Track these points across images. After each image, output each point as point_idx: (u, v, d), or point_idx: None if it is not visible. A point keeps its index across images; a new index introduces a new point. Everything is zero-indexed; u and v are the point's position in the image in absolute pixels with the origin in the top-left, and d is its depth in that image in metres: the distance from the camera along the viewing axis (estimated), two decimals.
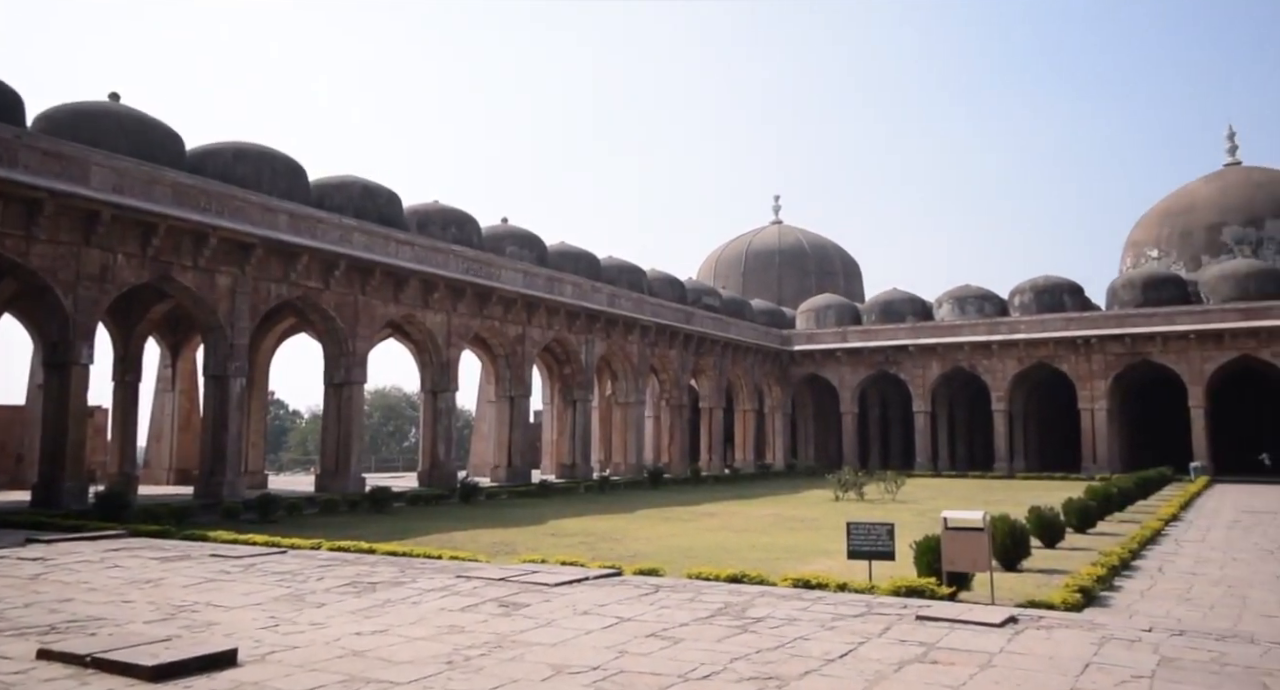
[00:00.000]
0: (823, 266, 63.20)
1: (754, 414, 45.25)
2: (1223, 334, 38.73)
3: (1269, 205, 50.59)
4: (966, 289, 47.35)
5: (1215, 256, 48.99)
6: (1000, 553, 11.77)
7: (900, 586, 9.17)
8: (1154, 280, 43.40)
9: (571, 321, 33.06)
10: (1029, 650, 6.64)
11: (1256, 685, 5.70)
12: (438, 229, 28.90)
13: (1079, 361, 41.82)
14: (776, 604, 8.46)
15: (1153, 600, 9.92)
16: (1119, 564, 11.83)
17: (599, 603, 8.46)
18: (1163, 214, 55.02)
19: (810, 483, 34.29)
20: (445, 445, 27.99)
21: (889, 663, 6.24)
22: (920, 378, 45.40)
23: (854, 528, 10.43)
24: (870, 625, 7.50)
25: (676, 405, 40.00)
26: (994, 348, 43.42)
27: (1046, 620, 7.78)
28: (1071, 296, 44.69)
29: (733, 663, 6.22)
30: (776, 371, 47.56)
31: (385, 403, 73.63)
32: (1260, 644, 6.93)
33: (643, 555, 13.29)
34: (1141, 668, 6.10)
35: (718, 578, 10.10)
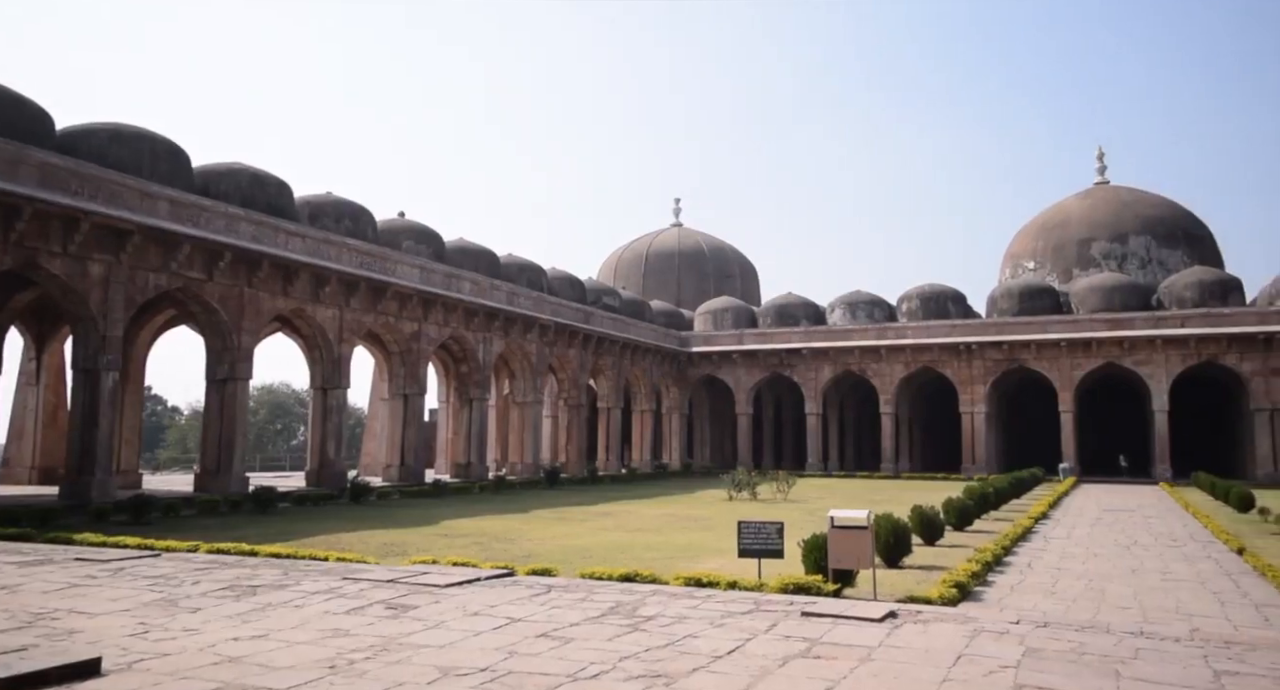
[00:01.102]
0: (721, 269, 64.19)
1: (651, 414, 45.60)
2: (1090, 343, 41.14)
3: (1133, 223, 54.08)
4: (858, 295, 48.87)
5: (1085, 270, 52.04)
6: (883, 550, 12.20)
7: (788, 584, 9.40)
8: (1030, 291, 45.74)
9: (469, 319, 32.61)
10: (906, 644, 6.90)
11: (1110, 673, 6.08)
12: (331, 221, 28.06)
13: (961, 367, 43.72)
14: (668, 602, 8.54)
15: (1022, 594, 10.45)
16: (992, 560, 12.43)
17: (490, 604, 8.37)
18: (1039, 228, 58.10)
19: (705, 483, 34.78)
20: (335, 444, 27.20)
21: (774, 658, 6.38)
22: (813, 380, 46.62)
23: (744, 527, 10.63)
24: (758, 622, 7.66)
25: (575, 405, 39.94)
26: (883, 352, 44.97)
27: (924, 615, 8.10)
28: (955, 304, 46.67)
29: (622, 661, 6.25)
30: (674, 372, 48.05)
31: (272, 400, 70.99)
32: (1115, 634, 7.39)
33: (537, 555, 13.22)
34: (1008, 658, 6.42)
35: (610, 577, 10.14)
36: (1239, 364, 38.96)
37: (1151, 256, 52.61)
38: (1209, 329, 39.17)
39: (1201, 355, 39.57)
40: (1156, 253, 52.73)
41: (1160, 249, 52.87)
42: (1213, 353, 39.37)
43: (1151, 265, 52.07)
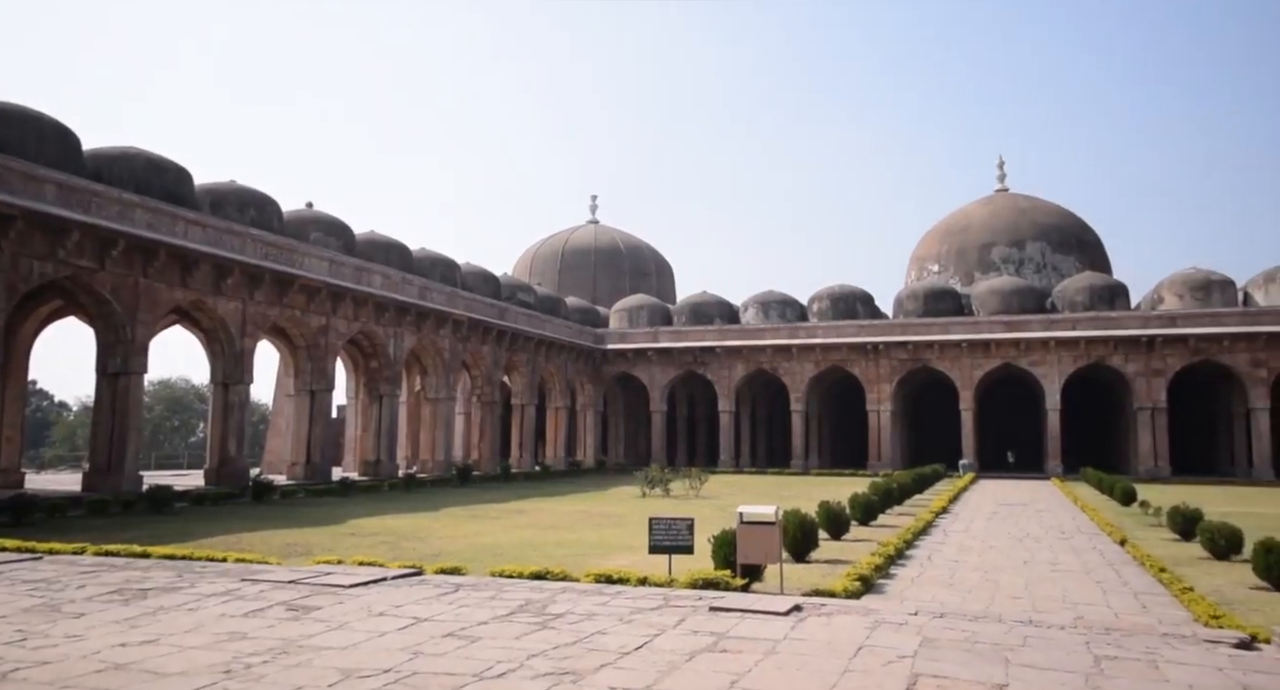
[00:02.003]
0: (637, 267, 64.42)
1: (566, 411, 45.47)
2: (990, 344, 42.79)
3: (1030, 229, 56.54)
4: (770, 294, 49.70)
5: (985, 273, 54.14)
6: (791, 545, 12.46)
7: (697, 579, 9.51)
8: (934, 293, 47.29)
9: (380, 314, 31.92)
10: (810, 636, 7.06)
11: (1000, 660, 6.34)
12: (234, 210, 27.06)
13: (868, 366, 44.91)
14: (577, 600, 8.54)
15: (921, 586, 10.81)
16: (894, 554, 12.82)
17: (396, 603, 8.22)
18: (943, 232, 60.18)
19: (619, 480, 34.86)
20: (237, 441, 26.27)
21: (681, 653, 6.45)
22: (726, 378, 47.22)
23: (656, 523, 10.70)
24: (666, 617, 7.72)
25: (488, 402, 39.52)
26: (794, 351, 45.84)
27: (828, 608, 8.30)
28: (863, 305, 47.91)
29: (530, 659, 6.22)
30: (589, 369, 48.01)
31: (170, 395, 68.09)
32: (1006, 623, 7.72)
33: (446, 554, 13.04)
34: (906, 648, 6.64)
35: (521, 575, 10.07)
36: (1124, 365, 41.09)
37: (1047, 262, 55.08)
38: (1097, 331, 41.19)
39: (1090, 356, 41.57)
40: (1051, 258, 55.22)
41: (1054, 254, 55.39)
42: (1101, 354, 41.42)
43: (1046, 270, 54.50)
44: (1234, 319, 39.92)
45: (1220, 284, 42.20)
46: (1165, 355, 40.45)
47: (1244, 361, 39.41)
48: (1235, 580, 11.24)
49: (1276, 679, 6.00)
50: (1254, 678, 6.01)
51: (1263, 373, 39.16)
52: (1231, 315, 40.19)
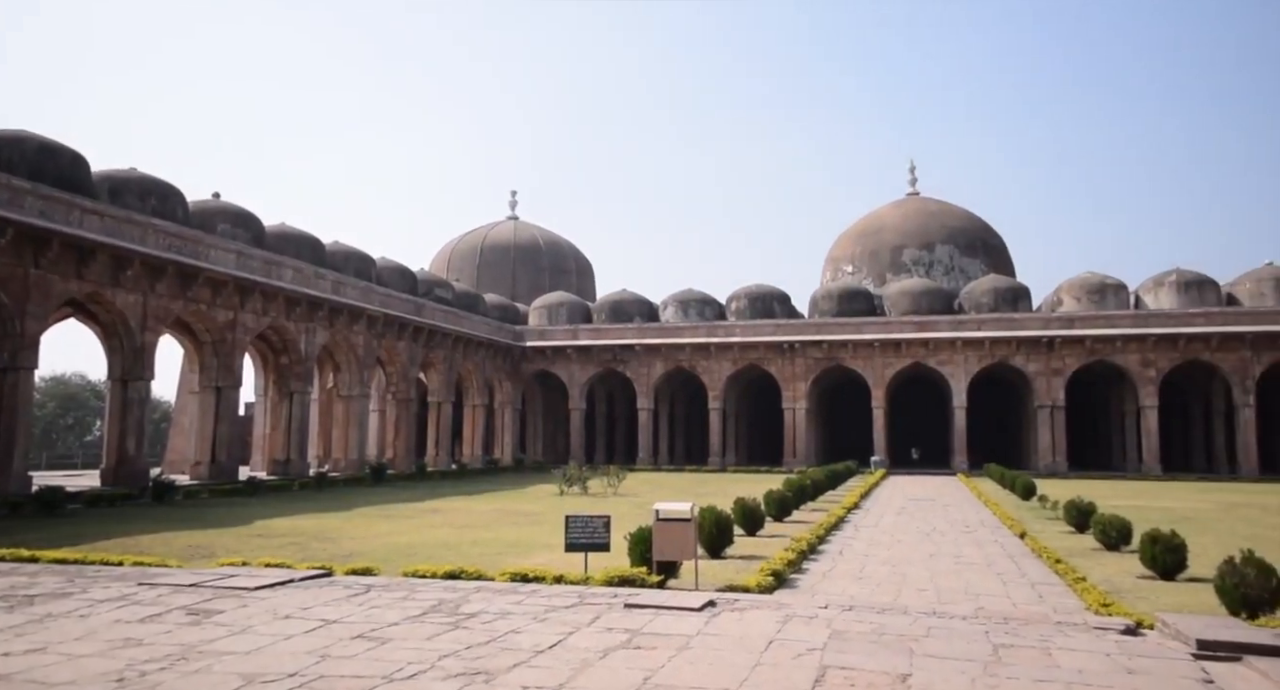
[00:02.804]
0: (557, 264, 64.18)
1: (484, 409, 44.99)
2: (900, 343, 44.03)
3: (939, 232, 58.44)
4: (689, 293, 50.12)
5: (897, 274, 55.71)
6: (707, 541, 12.58)
7: (613, 577, 9.52)
8: (848, 293, 48.41)
9: (291, 308, 31.02)
10: (723, 631, 7.14)
11: (905, 650, 6.54)
12: (135, 199, 25.91)
13: (785, 364, 45.70)
14: (492, 599, 8.46)
15: (832, 580, 11.04)
16: (807, 549, 13.07)
17: (303, 605, 8.00)
18: (857, 234, 61.69)
19: (537, 478, 34.68)
20: (136, 439, 25.19)
21: (596, 651, 6.45)
22: (645, 376, 47.43)
23: (572, 521, 10.67)
24: (581, 615, 7.71)
25: (403, 399, 38.82)
26: (712, 350, 46.33)
27: (741, 603, 8.41)
28: (780, 304, 48.73)
29: (441, 660, 6.13)
30: (508, 367, 47.61)
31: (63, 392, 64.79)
32: (911, 614, 7.95)
33: (358, 554, 12.76)
34: (815, 641, 6.78)
35: (434, 575, 9.93)
36: (1025, 364, 42.79)
37: (955, 264, 57.01)
38: (1001, 332, 42.80)
39: (995, 356, 43.17)
40: (959, 261, 57.17)
41: (962, 257, 57.37)
42: (1004, 354, 43.04)
43: (954, 272, 56.39)
44: (1126, 321, 41.97)
45: (1114, 288, 44.31)
46: (1064, 355, 42.27)
47: (1135, 362, 41.48)
48: (1125, 570, 11.81)
49: (1157, 662, 6.34)
50: (1137, 661, 6.34)
51: (1151, 372, 41.29)
52: (1124, 317, 42.24)
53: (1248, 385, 40.06)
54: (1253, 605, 8.10)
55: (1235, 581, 8.23)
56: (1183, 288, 43.14)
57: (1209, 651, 6.50)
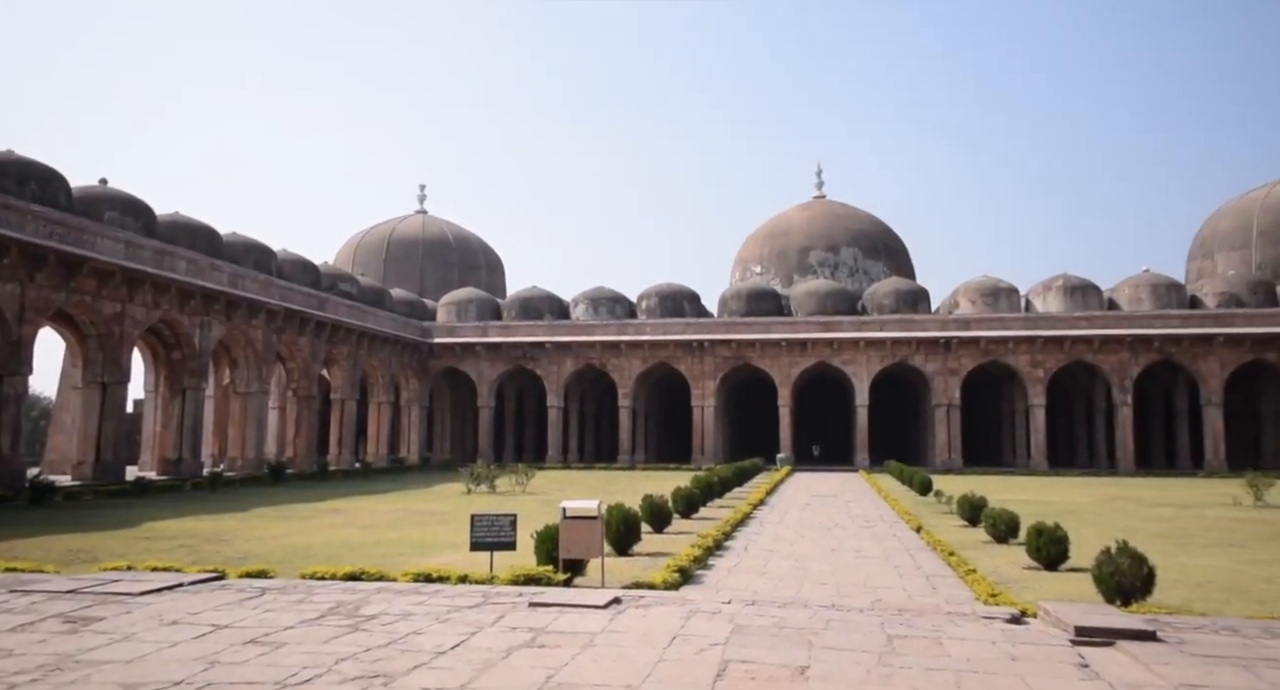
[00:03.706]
0: (466, 259, 63.32)
1: (389, 406, 44.04)
2: (806, 343, 45.01)
3: (844, 235, 60.01)
4: (601, 291, 50.14)
5: (804, 276, 56.93)
6: (614, 539, 12.62)
7: (519, 575, 9.45)
8: (756, 293, 49.22)
9: (184, 301, 29.73)
10: (627, 628, 7.17)
11: (804, 643, 6.68)
12: (12, 183, 24.40)
13: (694, 363, 46.18)
14: (393, 600, 8.29)
15: (737, 575, 11.21)
16: (713, 545, 13.23)
17: (192, 610, 7.68)
18: (765, 235, 62.81)
19: (444, 477, 34.16)
20: (12, 438, 23.73)
21: (498, 650, 6.39)
22: (555, 374, 47.23)
23: (477, 520, 10.55)
24: (485, 615, 7.62)
25: (305, 396, 37.69)
26: (622, 348, 46.47)
27: (646, 599, 8.46)
28: (690, 303, 49.21)
29: (339, 664, 5.98)
30: (415, 363, 46.74)
31: None
32: (811, 608, 8.14)
33: (254, 556, 12.33)
34: (718, 636, 6.87)
35: (334, 576, 9.67)
36: (924, 364, 44.31)
37: (859, 266, 58.62)
38: (902, 333, 44.20)
39: (896, 356, 44.55)
40: (863, 263, 58.82)
41: (866, 260, 59.03)
42: (904, 354, 44.46)
43: (858, 274, 57.98)
44: (1017, 323, 43.89)
45: (1007, 291, 46.27)
46: (960, 356, 43.92)
47: (1025, 362, 43.42)
48: (1012, 561, 12.35)
49: (1039, 649, 6.65)
50: (1020, 648, 6.64)
51: (1040, 373, 43.30)
52: (1015, 320, 44.16)
53: (1126, 385, 42.40)
54: (1126, 593, 8.58)
55: (1110, 571, 8.70)
56: (1069, 292, 45.35)
57: (1085, 637, 6.85)
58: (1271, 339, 40.78)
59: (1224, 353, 41.54)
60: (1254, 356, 41.32)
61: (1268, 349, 41.06)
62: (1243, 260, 52.16)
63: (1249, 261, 51.83)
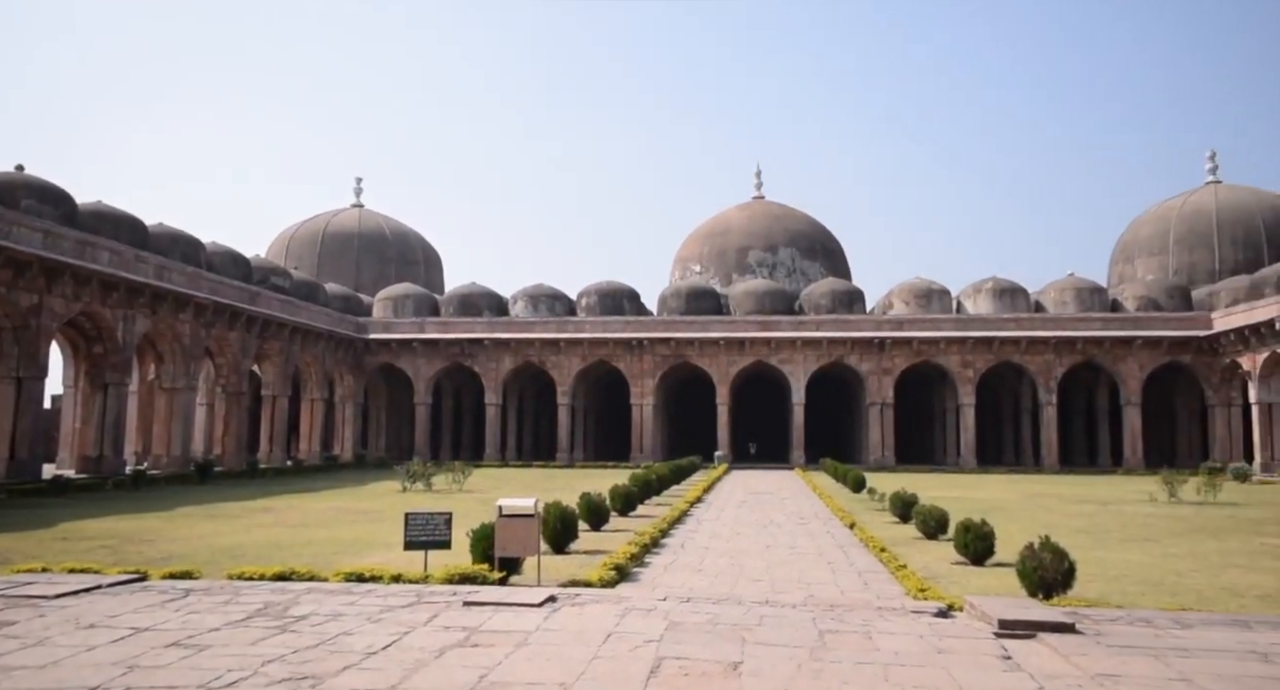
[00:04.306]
0: (404, 255, 62.42)
1: (323, 403, 43.18)
2: (744, 342, 45.45)
3: (782, 235, 60.75)
4: (540, 288, 49.90)
5: (742, 275, 57.47)
6: (551, 537, 12.57)
7: (454, 574, 9.36)
8: (695, 292, 49.51)
9: (107, 293, 28.71)
10: (562, 626, 7.16)
11: (738, 639, 6.76)
12: None
13: (633, 361, 46.26)
14: (323, 600, 8.14)
15: (673, 573, 11.27)
16: (650, 543, 13.28)
17: (111, 613, 7.43)
18: (705, 235, 63.23)
19: (379, 475, 33.65)
20: None
21: (431, 650, 6.32)
22: (494, 371, 46.87)
23: (412, 518, 10.41)
24: (418, 614, 7.54)
25: (235, 392, 36.73)
26: (562, 345, 46.32)
27: (582, 597, 8.45)
28: (630, 301, 49.28)
29: (265, 665, 5.84)
30: (350, 359, 45.90)
31: None
32: (746, 604, 8.23)
33: (178, 557, 11.98)
34: (652, 633, 6.90)
35: (262, 576, 9.46)
36: (859, 364, 45.10)
37: (796, 266, 59.40)
38: (838, 333, 44.91)
39: (832, 355, 45.26)
40: (800, 263, 59.62)
41: (803, 260, 59.86)
42: (840, 353, 45.20)
43: (796, 274, 58.75)
44: (949, 324, 44.96)
45: (939, 293, 47.36)
46: (893, 356, 44.81)
47: (955, 362, 44.50)
48: (941, 557, 12.65)
49: (964, 642, 6.83)
50: (946, 642, 6.81)
51: (970, 373, 44.43)
52: (947, 321, 45.24)
53: (1051, 385, 43.77)
54: (1048, 587, 8.86)
55: (1033, 565, 8.97)
56: (998, 294, 46.62)
57: (1009, 630, 7.05)
58: (1186, 341, 42.49)
59: (1142, 354, 43.16)
60: (1170, 358, 43.01)
61: (1183, 351, 42.78)
62: (1160, 266, 54.29)
63: (1166, 267, 53.96)
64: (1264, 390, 37.95)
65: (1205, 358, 42.24)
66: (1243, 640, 6.92)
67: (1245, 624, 7.56)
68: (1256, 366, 37.98)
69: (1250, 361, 38.53)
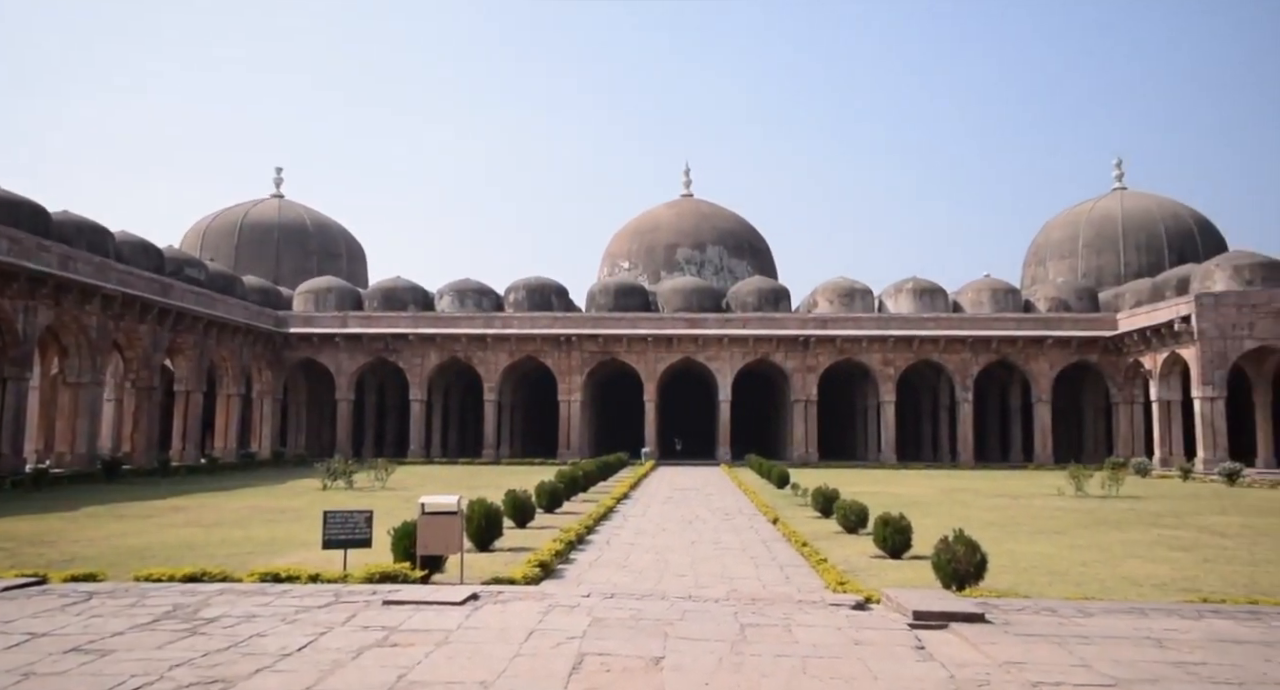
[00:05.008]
0: (326, 247, 61.04)
1: (240, 399, 41.89)
2: (672, 339, 45.71)
3: (710, 233, 61.30)
4: (466, 283, 49.32)
5: (671, 272, 57.80)
6: (475, 534, 12.45)
7: (374, 573, 9.19)
8: (623, 289, 49.59)
9: (6, 284, 27.30)
10: (484, 624, 7.09)
11: (660, 634, 6.79)
12: None
13: (561, 357, 46.09)
14: (236, 601, 7.90)
15: (598, 569, 11.27)
16: (575, 539, 13.26)
17: (6, 618, 7.09)
18: (634, 232, 63.40)
19: (299, 472, 32.84)
20: None
21: (348, 651, 6.19)
22: (419, 366, 46.15)
23: (331, 517, 10.19)
24: (335, 615, 7.38)
25: (145, 387, 35.34)
26: (489, 341, 45.88)
27: (505, 595, 8.39)
28: (558, 297, 49.09)
29: (172, 670, 5.64)
30: (269, 354, 44.63)
31: None
32: (669, 599, 8.27)
33: (81, 559, 11.49)
34: (575, 630, 6.89)
35: (172, 578, 9.13)
36: (784, 361, 45.79)
37: (724, 264, 60.01)
38: (764, 331, 45.53)
39: (758, 353, 45.85)
40: (728, 261, 60.25)
41: (731, 258, 60.51)
42: (766, 351, 45.82)
43: (724, 272, 59.36)
44: (871, 323, 45.98)
45: (861, 292, 48.39)
46: (818, 353, 45.62)
47: (877, 360, 45.55)
48: (861, 550, 12.93)
49: (880, 633, 7.00)
50: (863, 633, 6.97)
51: (891, 370, 45.53)
52: (869, 320, 46.25)
53: (967, 383, 45.14)
54: (961, 578, 9.14)
55: (948, 558, 9.24)
56: (918, 294, 47.87)
57: (923, 621, 7.25)
58: (1093, 341, 44.29)
59: (1053, 354, 44.84)
60: (1079, 358, 44.78)
61: (1090, 351, 44.58)
62: (1070, 268, 56.49)
63: (1076, 269, 56.19)
64: (1163, 388, 39.82)
65: (1111, 357, 44.11)
66: (1139, 627, 7.24)
67: (1142, 612, 7.92)
68: (1157, 366, 39.83)
69: (1151, 361, 40.38)
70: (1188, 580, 10.69)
